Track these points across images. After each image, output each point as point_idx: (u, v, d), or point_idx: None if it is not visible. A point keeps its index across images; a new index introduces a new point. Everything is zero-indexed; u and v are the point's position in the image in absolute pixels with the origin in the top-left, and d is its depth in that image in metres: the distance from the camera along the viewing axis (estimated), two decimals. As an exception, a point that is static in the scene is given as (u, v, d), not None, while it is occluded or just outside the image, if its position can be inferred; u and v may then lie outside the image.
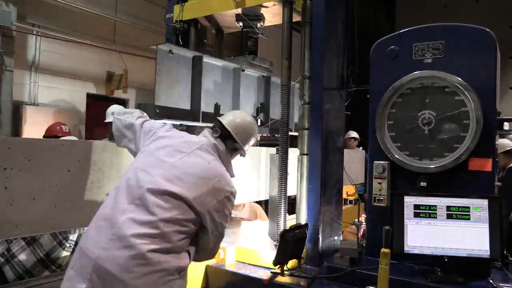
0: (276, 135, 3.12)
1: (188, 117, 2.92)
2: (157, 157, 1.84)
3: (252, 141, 2.19)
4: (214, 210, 1.80)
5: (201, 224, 1.79)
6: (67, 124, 5.60)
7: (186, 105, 2.91)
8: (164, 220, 1.65)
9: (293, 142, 2.88)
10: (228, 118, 2.11)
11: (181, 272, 1.70)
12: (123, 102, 7.78)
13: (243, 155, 2.17)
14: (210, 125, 2.15)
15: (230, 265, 2.62)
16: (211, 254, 1.99)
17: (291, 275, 2.43)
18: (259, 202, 5.04)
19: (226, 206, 1.87)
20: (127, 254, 1.56)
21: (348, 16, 2.97)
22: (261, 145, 3.67)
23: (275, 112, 3.49)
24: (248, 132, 2.14)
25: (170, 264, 1.63)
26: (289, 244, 2.37)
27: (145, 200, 1.69)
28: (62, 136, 4.89)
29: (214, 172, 1.87)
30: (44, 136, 5.02)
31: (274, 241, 2.77)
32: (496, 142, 2.51)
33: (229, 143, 2.05)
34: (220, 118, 2.12)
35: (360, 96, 2.94)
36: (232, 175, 2.02)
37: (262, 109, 3.55)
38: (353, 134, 6.77)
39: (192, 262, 1.87)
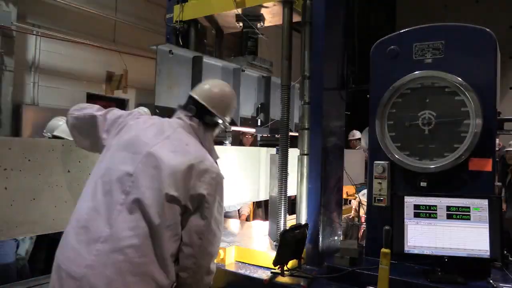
0: (276, 135, 3.11)
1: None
2: (129, 157, 1.64)
3: (233, 110, 1.99)
4: (197, 196, 1.59)
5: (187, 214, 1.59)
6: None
7: (186, 105, 2.90)
8: (144, 228, 1.51)
9: (293, 142, 2.88)
10: (200, 91, 1.89)
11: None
12: (123, 102, 7.78)
13: (226, 128, 1.97)
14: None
15: (230, 265, 2.62)
16: (207, 247, 1.64)
17: (291, 275, 2.43)
18: (259, 202, 5.06)
19: (217, 191, 1.66)
20: (116, 266, 1.44)
21: (348, 16, 2.97)
22: (261, 145, 3.66)
23: (275, 112, 3.49)
24: (226, 102, 1.91)
25: (160, 279, 1.49)
26: (289, 244, 2.37)
27: (125, 207, 1.53)
28: None
29: (194, 154, 1.66)
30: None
31: (274, 241, 2.77)
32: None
33: (208, 119, 1.84)
34: (191, 93, 1.90)
35: (360, 96, 2.94)
36: (216, 157, 1.81)
37: (262, 109, 3.55)
38: (358, 134, 6.69)
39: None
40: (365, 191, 3.30)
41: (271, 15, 3.24)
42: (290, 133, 2.84)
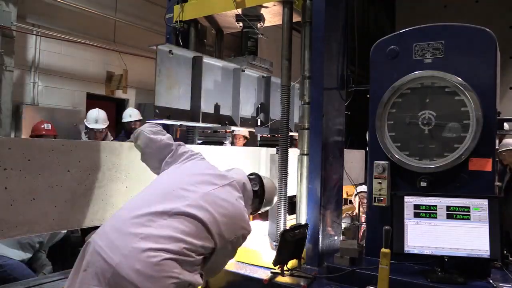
0: (276, 135, 3.11)
1: (188, 117, 2.92)
2: (191, 182, 1.94)
3: (268, 208, 2.52)
4: (230, 243, 1.94)
5: (213, 251, 1.88)
6: (66, 123, 5.63)
7: (186, 105, 2.91)
8: (185, 241, 1.74)
9: (293, 142, 2.89)
10: (267, 181, 2.37)
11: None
12: (123, 102, 7.78)
13: (251, 209, 2.31)
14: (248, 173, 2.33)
15: (230, 265, 2.62)
16: (214, 274, 2.12)
17: (291, 275, 2.43)
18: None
19: (239, 242, 2.03)
20: (147, 262, 1.64)
21: (348, 16, 2.97)
22: (261, 145, 3.65)
23: (275, 112, 3.49)
24: (270, 201, 2.45)
25: (184, 277, 1.70)
26: (289, 244, 2.37)
27: (173, 219, 1.77)
28: (45, 135, 5.00)
29: (239, 210, 2.00)
30: (31, 136, 5.11)
31: (274, 241, 2.77)
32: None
33: (255, 200, 2.28)
34: (262, 177, 2.36)
35: (360, 96, 2.94)
36: (249, 215, 2.21)
37: (262, 109, 3.55)
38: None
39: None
40: (364, 186, 3.29)
41: (271, 15, 3.24)
42: (290, 133, 2.84)
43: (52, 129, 5.28)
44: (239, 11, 3.07)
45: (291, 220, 2.92)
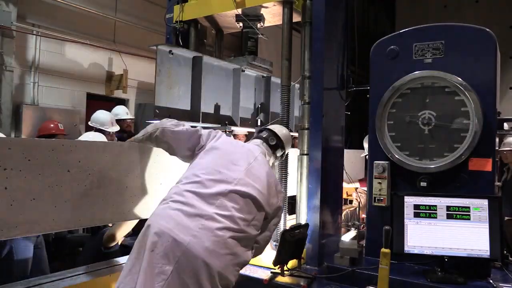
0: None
1: (188, 117, 2.92)
2: (231, 161, 2.07)
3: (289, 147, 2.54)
4: (276, 209, 2.11)
5: (266, 220, 2.05)
6: (66, 123, 5.63)
7: (186, 105, 2.91)
8: (241, 218, 1.90)
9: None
10: (278, 129, 2.41)
11: (243, 266, 1.93)
12: (123, 102, 7.77)
13: (279, 159, 2.45)
14: (261, 134, 2.39)
15: (230, 265, 2.62)
16: (262, 250, 2.20)
17: (291, 275, 2.43)
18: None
19: (282, 205, 2.21)
20: (215, 240, 1.80)
21: (348, 16, 2.97)
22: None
23: (275, 112, 3.49)
24: (290, 141, 2.48)
25: (240, 256, 1.87)
26: (289, 244, 2.37)
27: (227, 199, 1.92)
28: (58, 134, 5.02)
29: (273, 177, 2.16)
30: (38, 136, 5.11)
31: (274, 241, 2.77)
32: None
33: (278, 151, 2.36)
34: (272, 129, 2.39)
35: (360, 96, 2.94)
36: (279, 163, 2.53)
37: (262, 109, 3.55)
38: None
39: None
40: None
41: (271, 15, 3.24)
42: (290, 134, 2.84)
43: (64, 129, 5.35)
44: (239, 11, 3.07)
45: (291, 220, 2.92)
